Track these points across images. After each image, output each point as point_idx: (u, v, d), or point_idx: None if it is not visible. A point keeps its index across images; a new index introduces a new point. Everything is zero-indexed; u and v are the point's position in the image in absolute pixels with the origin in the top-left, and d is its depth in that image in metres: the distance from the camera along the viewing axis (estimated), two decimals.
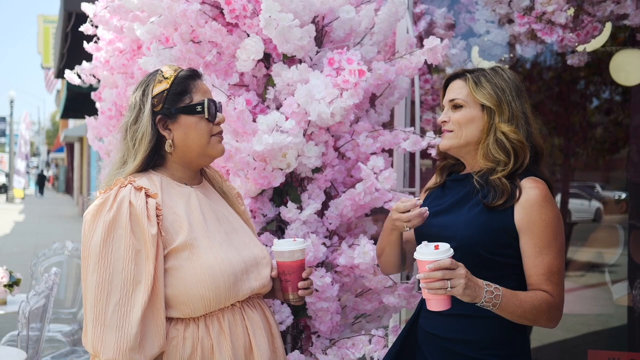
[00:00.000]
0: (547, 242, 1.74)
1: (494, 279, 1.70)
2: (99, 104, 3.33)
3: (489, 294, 1.63)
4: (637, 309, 3.85)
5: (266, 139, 2.22)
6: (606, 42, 3.60)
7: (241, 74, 2.55)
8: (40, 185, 37.00)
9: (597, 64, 4.47)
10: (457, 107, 1.89)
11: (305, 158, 2.36)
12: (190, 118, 1.77)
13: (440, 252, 1.59)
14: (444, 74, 3.48)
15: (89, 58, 3.29)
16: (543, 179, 1.82)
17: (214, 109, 1.80)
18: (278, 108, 2.47)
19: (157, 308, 1.61)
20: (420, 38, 3.21)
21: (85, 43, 3.21)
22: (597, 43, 3.37)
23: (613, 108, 5.26)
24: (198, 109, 1.77)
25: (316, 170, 2.46)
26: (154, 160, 1.78)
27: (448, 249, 1.61)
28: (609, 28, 3.09)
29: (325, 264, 2.52)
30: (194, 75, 1.82)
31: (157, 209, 1.67)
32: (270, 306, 2.06)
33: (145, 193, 1.67)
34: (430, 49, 2.48)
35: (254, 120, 2.36)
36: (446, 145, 1.92)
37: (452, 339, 1.83)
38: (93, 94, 3.38)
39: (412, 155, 3.13)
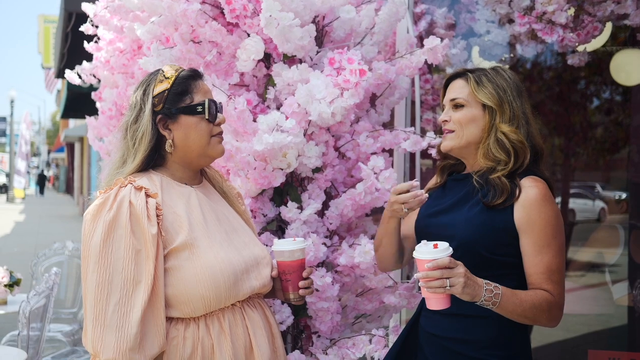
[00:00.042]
0: (547, 241, 1.74)
1: (494, 278, 1.70)
2: (100, 103, 3.33)
3: (489, 292, 1.63)
4: (638, 309, 3.85)
5: (266, 138, 2.22)
6: (607, 42, 3.60)
7: (241, 74, 2.55)
8: (40, 185, 37.03)
9: (598, 64, 4.48)
10: (458, 107, 1.89)
11: (306, 158, 2.36)
12: (191, 118, 1.77)
13: (439, 251, 1.59)
14: (445, 74, 3.48)
15: (90, 58, 3.29)
16: (543, 178, 1.82)
17: (214, 109, 1.80)
18: (278, 108, 2.47)
19: (157, 308, 1.61)
20: (421, 38, 3.21)
21: (85, 43, 3.21)
22: (598, 43, 3.37)
23: (613, 108, 5.26)
24: (199, 109, 1.77)
25: (316, 170, 2.46)
26: (154, 160, 1.78)
27: (447, 247, 1.61)
28: (609, 28, 3.08)
29: (325, 264, 2.52)
30: (195, 75, 1.82)
31: (157, 208, 1.67)
32: (270, 306, 2.06)
33: (146, 193, 1.67)
34: (431, 49, 2.48)
35: (255, 120, 2.37)
36: (448, 146, 1.92)
37: (453, 338, 1.83)
38: (93, 94, 3.38)
39: (413, 155, 3.13)
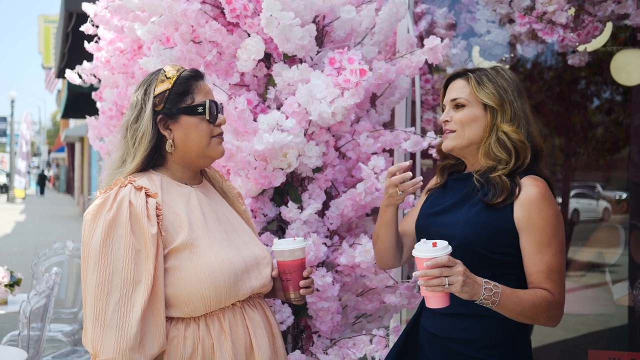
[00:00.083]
0: (547, 240, 1.74)
1: (495, 277, 1.70)
2: (100, 103, 3.32)
3: (488, 291, 1.63)
4: (638, 309, 3.85)
5: (267, 137, 2.22)
6: (607, 42, 3.60)
7: (242, 74, 2.55)
8: (41, 185, 37.05)
9: (598, 64, 4.47)
10: (459, 107, 1.89)
11: (306, 158, 2.36)
12: (191, 119, 1.77)
13: (438, 250, 1.59)
14: (445, 74, 3.47)
15: (90, 58, 3.29)
16: (543, 177, 1.82)
17: (215, 110, 1.80)
18: (279, 108, 2.46)
19: (157, 307, 1.61)
20: (421, 38, 3.20)
21: (86, 43, 3.21)
22: (598, 43, 3.37)
23: (614, 108, 5.26)
24: (199, 110, 1.77)
25: (317, 170, 2.46)
26: (154, 159, 1.78)
27: (446, 246, 1.61)
28: (609, 28, 3.08)
29: (326, 264, 2.52)
30: (197, 75, 1.82)
31: (157, 208, 1.67)
32: (271, 306, 2.06)
33: (145, 193, 1.67)
34: (431, 49, 2.47)
35: (255, 120, 2.37)
36: (449, 145, 1.92)
37: (454, 338, 1.83)
38: (94, 94, 3.38)
39: (413, 155, 3.13)
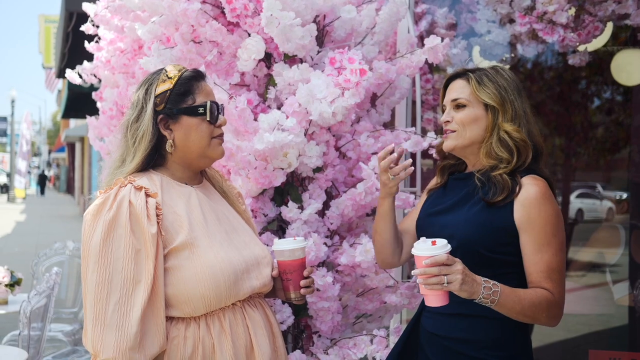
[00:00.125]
0: (547, 239, 1.74)
1: (495, 277, 1.69)
2: (100, 103, 3.32)
3: (487, 290, 1.62)
4: (638, 309, 3.85)
5: (267, 137, 2.22)
6: (607, 42, 3.60)
7: (242, 74, 2.55)
8: (41, 185, 37.07)
9: (599, 64, 4.47)
10: (460, 107, 1.89)
11: (307, 158, 2.36)
12: (192, 119, 1.77)
13: (437, 248, 1.59)
14: (445, 74, 3.47)
15: (90, 58, 3.29)
16: (543, 176, 1.82)
17: (216, 111, 1.80)
18: (279, 108, 2.46)
19: (157, 307, 1.61)
20: (422, 38, 3.21)
21: (86, 43, 3.21)
22: (599, 43, 3.37)
23: (614, 108, 5.26)
24: (200, 110, 1.77)
25: (317, 169, 2.46)
26: (154, 159, 1.78)
27: (445, 244, 1.61)
28: (610, 28, 3.08)
29: (326, 264, 2.52)
30: (198, 76, 1.82)
31: (157, 208, 1.67)
32: (271, 306, 2.06)
33: (145, 192, 1.67)
34: (431, 49, 2.47)
35: (255, 120, 2.36)
36: (450, 145, 1.91)
37: (454, 338, 1.83)
38: (94, 94, 3.38)
39: (414, 155, 3.13)
